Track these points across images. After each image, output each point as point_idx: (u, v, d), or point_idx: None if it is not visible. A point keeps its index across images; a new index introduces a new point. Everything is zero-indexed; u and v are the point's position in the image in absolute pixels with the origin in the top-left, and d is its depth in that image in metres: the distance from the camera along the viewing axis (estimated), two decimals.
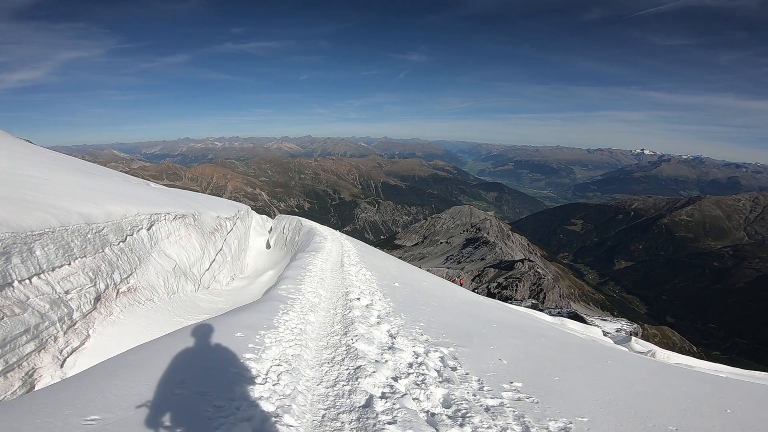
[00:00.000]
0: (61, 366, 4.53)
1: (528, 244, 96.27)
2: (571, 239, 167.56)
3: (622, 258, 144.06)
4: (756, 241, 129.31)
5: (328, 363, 3.85)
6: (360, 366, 3.64)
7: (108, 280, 6.29)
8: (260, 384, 2.99)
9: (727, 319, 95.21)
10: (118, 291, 6.52)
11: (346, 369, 3.65)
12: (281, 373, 3.29)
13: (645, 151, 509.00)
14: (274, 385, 3.03)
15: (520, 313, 15.27)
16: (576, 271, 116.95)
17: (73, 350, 4.89)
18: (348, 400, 3.05)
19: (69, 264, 5.48)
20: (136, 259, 7.53)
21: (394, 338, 4.69)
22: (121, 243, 7.18)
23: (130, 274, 7.10)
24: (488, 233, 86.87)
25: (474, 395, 3.30)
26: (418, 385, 3.41)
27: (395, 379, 3.50)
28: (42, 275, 4.88)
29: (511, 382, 3.67)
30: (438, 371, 3.78)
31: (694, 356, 19.47)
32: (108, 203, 7.70)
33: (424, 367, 3.83)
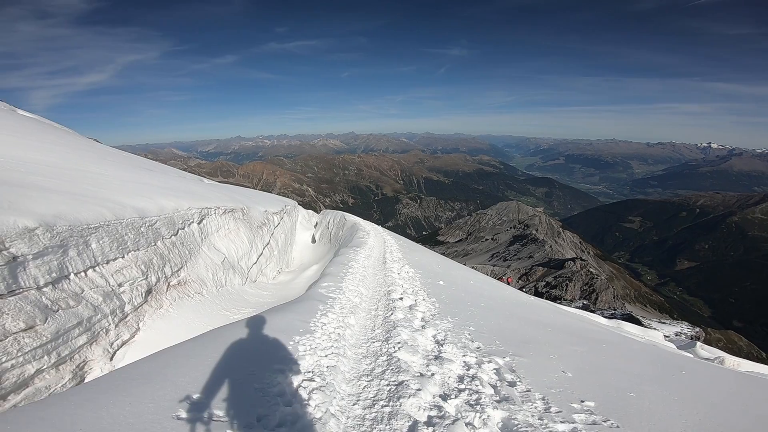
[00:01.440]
0: (111, 359, 4.63)
1: (580, 242, 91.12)
2: (628, 237, 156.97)
3: (685, 258, 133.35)
4: None
5: (367, 376, 3.47)
6: (402, 381, 3.22)
7: (159, 273, 6.45)
8: (286, 405, 2.62)
9: None
10: (168, 284, 6.68)
11: (387, 385, 3.24)
12: (313, 390, 2.92)
13: (712, 145, 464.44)
14: (303, 407, 2.68)
15: (574, 315, 14.25)
16: (632, 271, 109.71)
17: (123, 343, 5.00)
18: (387, 426, 2.65)
19: (122, 257, 5.64)
20: (187, 252, 7.72)
21: (441, 345, 4.23)
22: (172, 236, 7.37)
23: (181, 267, 7.27)
24: (537, 230, 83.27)
25: (540, 419, 2.81)
26: (471, 405, 2.93)
27: (444, 398, 3.04)
28: (96, 268, 5.03)
29: (582, 401, 3.16)
30: (494, 387, 3.30)
31: (762, 362, 17.14)
32: (161, 198, 7.97)
33: (477, 382, 3.35)
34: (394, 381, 3.28)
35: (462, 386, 3.28)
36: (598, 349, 5.60)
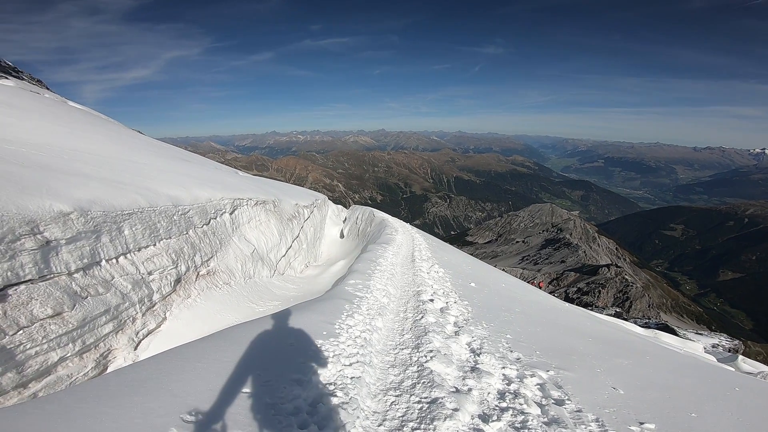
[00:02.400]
0: (135, 348, 4.60)
1: (616, 249, 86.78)
2: (669, 245, 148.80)
3: (729, 269, 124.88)
4: None
5: (395, 390, 3.12)
6: (436, 399, 2.87)
7: (189, 263, 6.44)
8: (300, 428, 2.28)
9: None
10: (197, 274, 6.67)
11: (418, 402, 2.89)
12: (333, 407, 2.60)
13: (767, 151, 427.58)
14: (320, 430, 2.32)
15: (611, 324, 13.43)
16: (671, 281, 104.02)
17: (149, 333, 4.97)
18: None
19: (154, 245, 5.64)
20: (218, 242, 7.72)
21: (478, 355, 3.88)
22: (204, 226, 7.38)
23: (211, 257, 7.27)
24: (571, 234, 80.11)
25: None
26: (517, 429, 2.59)
27: (484, 419, 2.68)
28: (128, 255, 5.02)
29: (641, 423, 2.80)
30: (541, 406, 2.95)
31: None
32: (195, 187, 8.02)
33: (521, 399, 3.00)
34: (426, 398, 2.94)
35: (504, 404, 2.94)
36: (643, 362, 5.16)
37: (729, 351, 28.38)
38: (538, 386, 3.32)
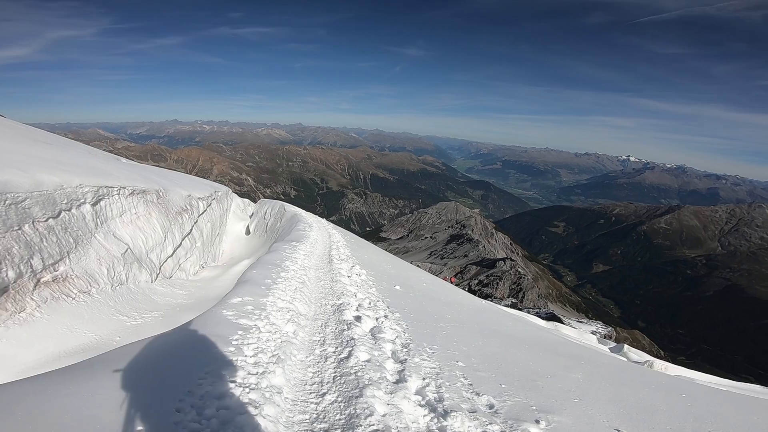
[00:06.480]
0: None
1: (510, 244, 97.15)
2: (553, 241, 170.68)
3: (601, 262, 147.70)
4: (728, 252, 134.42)
5: None
6: None
7: (23, 267, 4.93)
8: None
9: (694, 326, 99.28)
10: (38, 281, 5.17)
11: None
12: None
13: (631, 158, 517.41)
14: None
15: (525, 320, 14.25)
16: (555, 273, 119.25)
17: None
18: None
19: None
20: (71, 240, 6.15)
21: (443, 416, 2.61)
22: (50, 219, 5.80)
23: (60, 260, 5.73)
24: (473, 231, 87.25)
25: None
26: None
27: None
28: None
29: None
30: None
31: (662, 359, 19.00)
32: (41, 171, 6.29)
33: None
34: None
35: None
36: (589, 372, 4.62)
37: (604, 337, 33.28)
38: None
